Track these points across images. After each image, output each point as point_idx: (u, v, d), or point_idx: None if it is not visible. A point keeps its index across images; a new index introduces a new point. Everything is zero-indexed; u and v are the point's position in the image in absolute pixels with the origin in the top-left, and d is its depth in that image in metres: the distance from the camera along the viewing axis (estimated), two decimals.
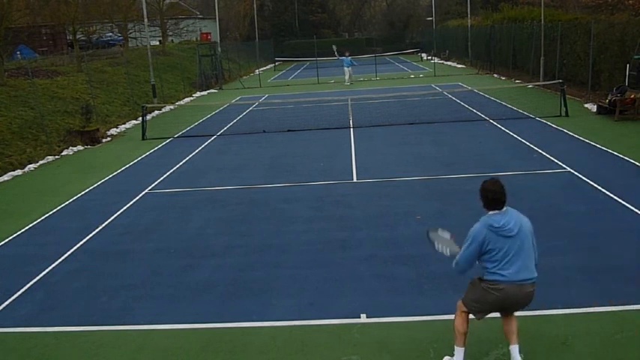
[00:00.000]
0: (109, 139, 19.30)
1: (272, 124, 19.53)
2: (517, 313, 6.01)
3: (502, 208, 4.76)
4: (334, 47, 34.81)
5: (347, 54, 32.32)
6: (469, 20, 43.05)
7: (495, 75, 32.28)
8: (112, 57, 32.86)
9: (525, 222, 4.81)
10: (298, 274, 7.41)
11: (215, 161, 14.59)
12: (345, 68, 31.98)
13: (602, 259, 7.25)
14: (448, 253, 5.07)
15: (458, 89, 25.89)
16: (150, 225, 9.81)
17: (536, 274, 4.80)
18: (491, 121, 17.41)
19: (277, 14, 70.16)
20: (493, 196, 4.75)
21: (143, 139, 18.35)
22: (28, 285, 7.62)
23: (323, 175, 12.37)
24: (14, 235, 9.75)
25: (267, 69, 51.85)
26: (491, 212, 4.77)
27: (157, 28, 42.78)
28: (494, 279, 4.74)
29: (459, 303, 5.09)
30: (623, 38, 19.11)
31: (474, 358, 5.31)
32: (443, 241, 5.15)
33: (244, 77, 41.84)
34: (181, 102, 29.25)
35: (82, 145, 17.94)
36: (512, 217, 4.73)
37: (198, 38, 51.39)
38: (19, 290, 7.47)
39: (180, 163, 14.46)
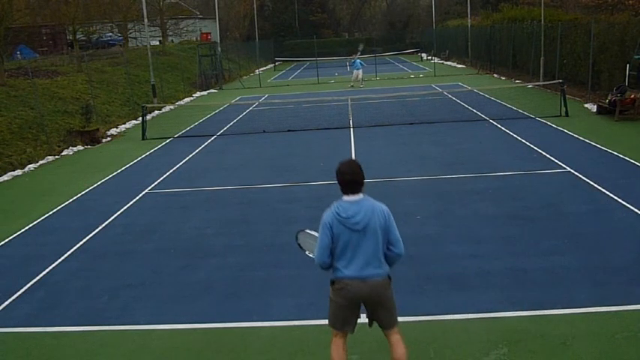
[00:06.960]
0: (109, 139, 19.30)
1: (272, 124, 19.52)
2: (516, 313, 6.06)
3: (358, 192, 4.43)
4: (361, 46, 34.81)
5: (355, 55, 32.07)
6: (469, 20, 43.04)
7: (495, 75, 32.28)
8: (112, 57, 32.86)
9: (377, 216, 4.38)
10: (298, 274, 7.40)
11: (215, 161, 14.59)
12: (355, 71, 31.81)
13: (602, 259, 7.24)
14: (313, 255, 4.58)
15: (458, 89, 25.88)
16: (150, 225, 9.80)
17: (382, 270, 4.42)
18: (491, 121, 17.41)
19: (277, 14, 70.20)
20: (346, 179, 4.43)
21: (143, 139, 18.35)
22: (28, 285, 7.61)
23: (323, 175, 12.35)
24: (14, 235, 9.73)
25: (267, 69, 51.86)
26: (345, 197, 4.44)
27: (157, 28, 42.82)
28: (336, 276, 4.41)
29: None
30: (623, 38, 19.11)
31: (474, 358, 5.32)
32: (309, 242, 4.78)
33: (244, 77, 41.82)
34: (181, 102, 29.24)
35: (82, 145, 17.94)
36: (362, 209, 4.36)
37: (198, 38, 51.42)
38: (19, 290, 7.45)
39: (180, 163, 14.45)
